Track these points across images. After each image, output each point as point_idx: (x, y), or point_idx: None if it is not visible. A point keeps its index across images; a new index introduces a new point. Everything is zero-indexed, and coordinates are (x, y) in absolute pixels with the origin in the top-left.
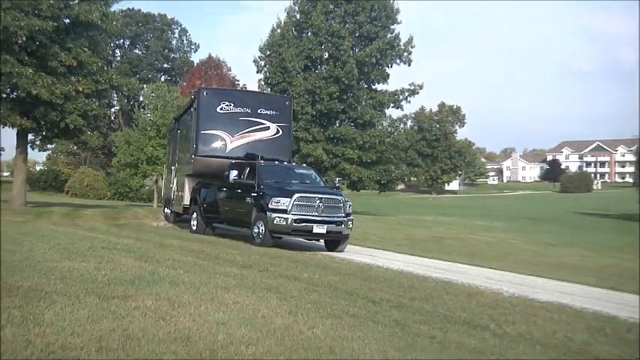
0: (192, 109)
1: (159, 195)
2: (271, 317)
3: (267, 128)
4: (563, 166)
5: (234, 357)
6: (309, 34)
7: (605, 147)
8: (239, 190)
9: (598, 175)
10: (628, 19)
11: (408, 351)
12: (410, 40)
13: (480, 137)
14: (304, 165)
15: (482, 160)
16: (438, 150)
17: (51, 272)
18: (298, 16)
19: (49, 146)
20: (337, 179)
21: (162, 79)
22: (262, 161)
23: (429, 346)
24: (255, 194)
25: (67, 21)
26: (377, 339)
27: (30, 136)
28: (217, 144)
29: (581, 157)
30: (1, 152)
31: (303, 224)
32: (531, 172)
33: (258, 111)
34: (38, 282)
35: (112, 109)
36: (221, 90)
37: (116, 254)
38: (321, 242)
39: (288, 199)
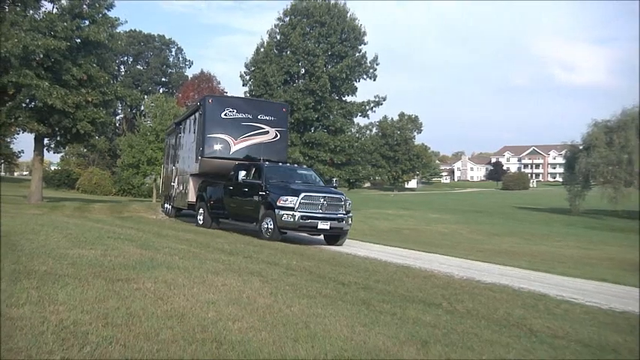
0: (197, 115)
1: (157, 192)
2: (254, 297)
3: (267, 132)
4: (504, 168)
5: (222, 332)
6: (288, 52)
7: (539, 151)
8: (246, 189)
9: (533, 175)
10: (558, 42)
11: (373, 326)
12: (375, 59)
13: (434, 142)
14: (304, 166)
15: (437, 162)
16: (398, 153)
17: (63, 258)
18: (279, 37)
19: (62, 149)
20: (335, 179)
21: (161, 91)
22: (267, 163)
23: (390, 321)
24: (263, 193)
25: (79, 41)
26: (345, 316)
27: (46, 140)
28: (222, 146)
29: (519, 160)
30: (21, 154)
31: (309, 221)
32: (478, 173)
33: (259, 117)
34: (53, 266)
35: (117, 117)
36: (225, 97)
37: (120, 243)
38: (321, 237)
39: (295, 198)
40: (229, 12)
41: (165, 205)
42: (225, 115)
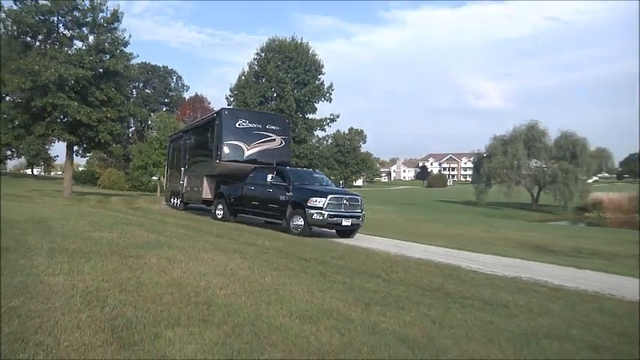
0: (214, 124)
1: (161, 188)
2: (236, 270)
3: (274, 140)
4: (429, 170)
5: (211, 296)
6: (264, 80)
7: (454, 158)
8: (271, 190)
9: (450, 176)
10: (472, 77)
11: (328, 292)
12: (331, 85)
13: (376, 150)
14: (317, 170)
15: (378, 165)
16: (348, 158)
17: (88, 239)
18: (257, 68)
19: (87, 154)
20: (341, 182)
21: (164, 109)
22: (289, 167)
23: (341, 288)
24: (290, 194)
25: (101, 70)
26: (307, 284)
27: (75, 147)
28: (237, 152)
29: (440, 164)
30: (56, 158)
31: (335, 218)
32: (409, 174)
33: (266, 126)
34: (80, 245)
35: (130, 129)
36: (238, 110)
37: (131, 227)
38: (333, 231)
39: (324, 199)
40: (218, 48)
41: (172, 200)
42: (239, 125)
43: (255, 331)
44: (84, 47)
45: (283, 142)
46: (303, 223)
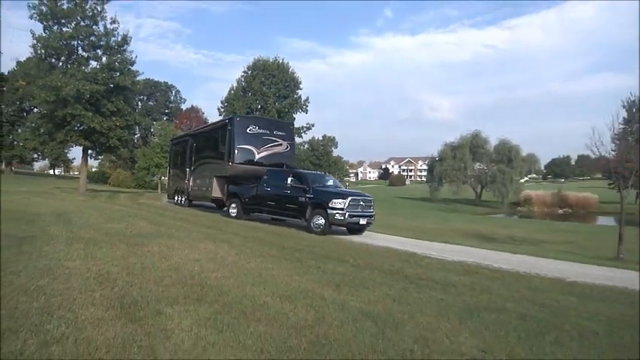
0: (227, 130)
1: (162, 186)
2: (225, 257)
3: (281, 144)
4: (390, 171)
5: (204, 279)
6: (250, 94)
7: (412, 161)
8: (289, 191)
9: (408, 177)
10: (428, 92)
11: (304, 275)
12: (307, 99)
13: (345, 154)
14: (328, 174)
15: (347, 167)
16: (322, 161)
17: (100, 230)
18: (244, 84)
19: (99, 157)
20: (347, 184)
21: (164, 118)
22: (306, 170)
23: (315, 272)
24: (311, 195)
25: (112, 85)
26: (286, 268)
27: (89, 151)
28: (248, 155)
29: (400, 166)
30: (74, 160)
31: (354, 218)
32: (373, 175)
33: (274, 132)
34: (93, 235)
35: (136, 136)
36: (248, 116)
37: (137, 220)
38: (342, 229)
39: (345, 201)
40: (212, 67)
41: (176, 197)
42: (250, 130)
43: (242, 309)
44: (98, 66)
45: (289, 147)
46: (323, 222)
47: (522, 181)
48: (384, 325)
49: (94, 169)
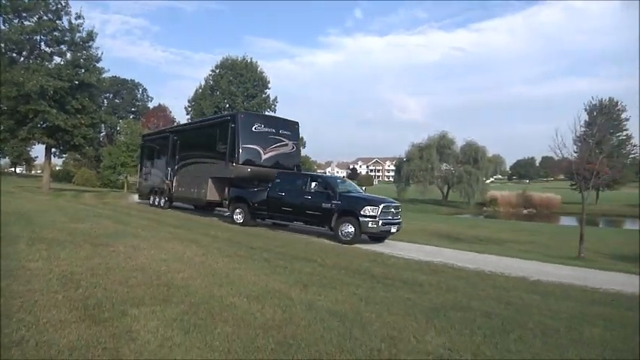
0: (228, 127)
1: (127, 185)
2: (192, 257)
3: (286, 145)
4: (358, 172)
5: (171, 279)
6: (218, 93)
7: (380, 161)
8: (309, 197)
9: (376, 177)
10: (396, 93)
11: (272, 275)
12: (275, 99)
13: (313, 153)
14: (347, 179)
15: (315, 167)
16: None
17: (64, 229)
18: (212, 82)
19: (63, 155)
20: (364, 188)
21: (131, 117)
22: (328, 174)
23: (283, 272)
24: (339, 202)
25: (77, 82)
26: (254, 268)
27: (53, 149)
28: (254, 155)
29: (367, 167)
30: (36, 158)
31: (387, 226)
32: (341, 175)
33: (280, 131)
34: (56, 235)
35: (101, 134)
36: (253, 114)
37: (102, 219)
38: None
39: (377, 208)
40: (180, 65)
41: (152, 198)
42: (255, 128)
43: (209, 309)
44: (62, 62)
45: (294, 147)
46: (353, 230)
47: (488, 181)
48: (351, 324)
49: (57, 168)
